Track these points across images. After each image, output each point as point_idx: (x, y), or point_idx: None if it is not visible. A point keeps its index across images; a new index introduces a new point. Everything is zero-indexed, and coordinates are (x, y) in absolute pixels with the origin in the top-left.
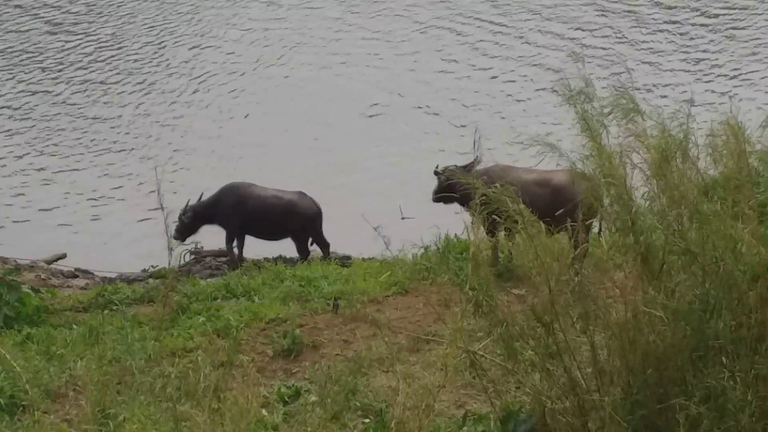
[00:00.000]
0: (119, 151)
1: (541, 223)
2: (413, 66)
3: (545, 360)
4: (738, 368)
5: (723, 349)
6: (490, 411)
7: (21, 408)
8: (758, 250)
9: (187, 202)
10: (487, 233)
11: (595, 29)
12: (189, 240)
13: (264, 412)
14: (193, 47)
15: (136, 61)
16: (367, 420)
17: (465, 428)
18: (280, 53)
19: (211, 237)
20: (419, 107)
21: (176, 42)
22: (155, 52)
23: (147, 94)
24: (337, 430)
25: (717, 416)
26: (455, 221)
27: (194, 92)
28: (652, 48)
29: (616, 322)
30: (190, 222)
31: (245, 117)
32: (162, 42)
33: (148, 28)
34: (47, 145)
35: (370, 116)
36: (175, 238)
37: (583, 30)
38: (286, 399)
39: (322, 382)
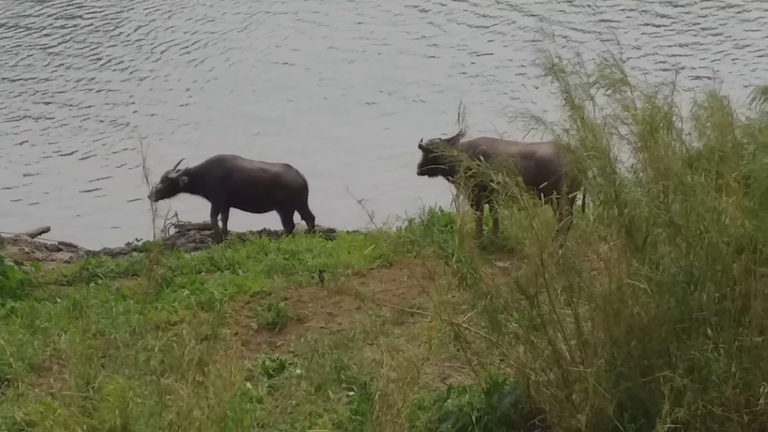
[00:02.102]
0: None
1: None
2: (400, 41)
3: (529, 332)
4: (722, 340)
5: (707, 321)
6: (475, 383)
7: (5, 381)
8: (742, 222)
9: (178, 162)
10: (471, 206)
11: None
12: (164, 205)
13: (248, 385)
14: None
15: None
16: (351, 393)
17: (449, 401)
18: (270, 29)
19: (195, 210)
20: (403, 82)
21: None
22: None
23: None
24: (322, 403)
25: (701, 388)
26: (439, 194)
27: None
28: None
29: (600, 294)
30: (172, 185)
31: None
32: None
33: None
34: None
35: (354, 90)
36: (154, 197)
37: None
38: (271, 372)
39: (306, 355)
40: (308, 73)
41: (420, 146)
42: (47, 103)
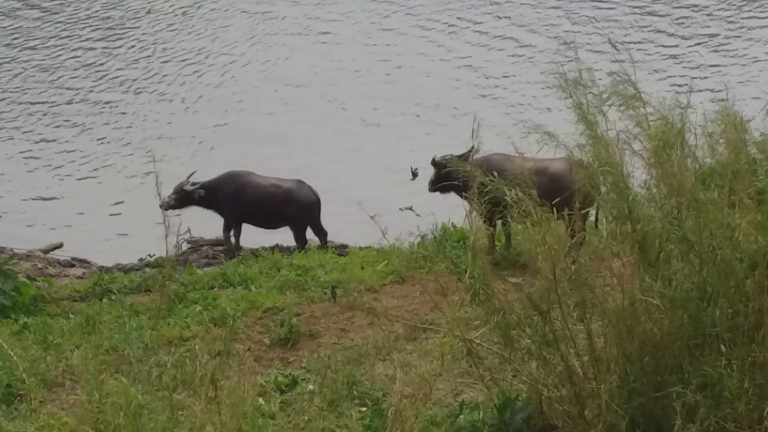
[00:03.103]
0: (118, 141)
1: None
2: (411, 56)
3: (542, 348)
4: (735, 356)
5: (720, 337)
6: (487, 399)
7: (18, 397)
8: (755, 238)
9: (190, 174)
10: (484, 221)
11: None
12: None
13: (261, 400)
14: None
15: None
16: (364, 408)
17: (462, 416)
18: (276, 42)
19: (207, 226)
20: (417, 97)
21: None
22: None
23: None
24: (334, 419)
25: (714, 404)
26: (451, 210)
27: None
28: (651, 33)
29: (613, 310)
30: (186, 198)
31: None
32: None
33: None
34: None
35: (369, 107)
36: (165, 207)
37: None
38: (283, 388)
39: (319, 371)
40: (322, 90)
41: (433, 162)
42: (54, 122)
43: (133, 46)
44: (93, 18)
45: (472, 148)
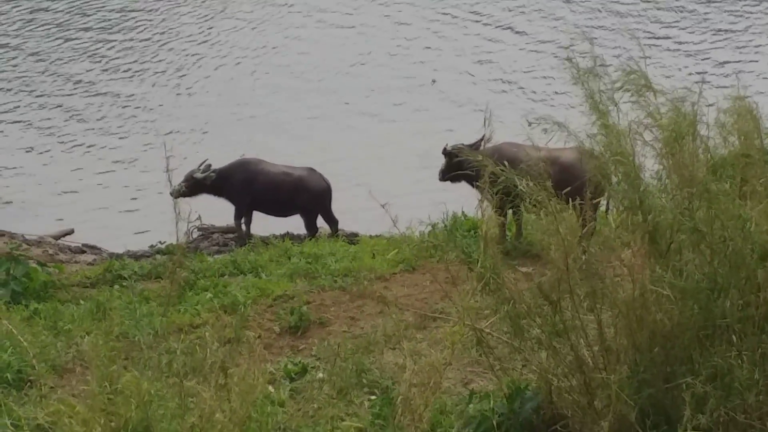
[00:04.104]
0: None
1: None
2: (421, 45)
3: (552, 338)
4: (745, 347)
5: (730, 328)
6: (497, 388)
7: (28, 383)
8: (767, 228)
9: (202, 162)
10: (495, 211)
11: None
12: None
13: (270, 388)
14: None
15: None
16: (373, 397)
17: (471, 405)
18: (288, 25)
19: (218, 213)
20: (427, 85)
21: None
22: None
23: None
24: (344, 407)
25: (723, 395)
26: (462, 199)
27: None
28: (664, 24)
29: (623, 300)
30: (197, 185)
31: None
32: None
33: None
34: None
35: (379, 94)
36: (175, 195)
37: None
38: (293, 375)
39: (329, 359)
40: (331, 77)
41: (444, 152)
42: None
43: (148, 38)
44: (103, 10)
45: (483, 136)
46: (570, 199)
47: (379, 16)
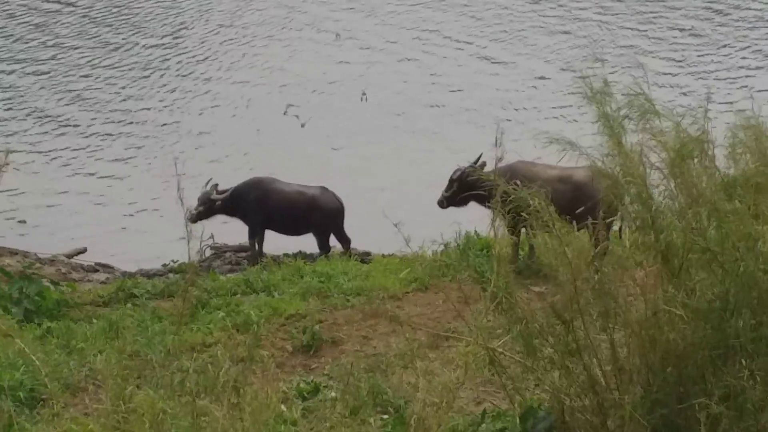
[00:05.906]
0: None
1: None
2: (434, 63)
3: (565, 358)
4: (758, 367)
5: (743, 348)
6: (509, 408)
7: (41, 402)
8: None
9: (208, 181)
10: (508, 230)
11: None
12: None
13: (283, 407)
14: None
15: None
16: (386, 416)
17: (484, 425)
18: (292, 46)
19: (231, 232)
20: (438, 105)
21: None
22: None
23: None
24: (357, 426)
25: (736, 415)
26: (475, 219)
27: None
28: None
29: (636, 320)
30: (212, 206)
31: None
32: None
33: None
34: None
35: (391, 113)
36: (192, 219)
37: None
38: (306, 395)
39: (341, 378)
40: (345, 96)
41: (454, 176)
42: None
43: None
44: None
45: (481, 155)
46: (583, 218)
47: (398, 37)
